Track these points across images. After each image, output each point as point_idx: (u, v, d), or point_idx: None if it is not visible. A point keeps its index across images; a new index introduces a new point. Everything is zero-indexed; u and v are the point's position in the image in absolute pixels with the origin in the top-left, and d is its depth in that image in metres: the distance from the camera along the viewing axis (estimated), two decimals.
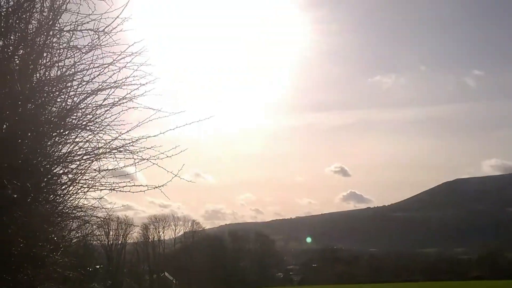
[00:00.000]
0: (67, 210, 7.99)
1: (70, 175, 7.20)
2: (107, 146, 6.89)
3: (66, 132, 6.78)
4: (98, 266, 79.08)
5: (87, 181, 7.26)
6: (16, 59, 5.81)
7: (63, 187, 7.37)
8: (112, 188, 7.06)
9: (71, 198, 7.70)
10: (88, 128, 6.73)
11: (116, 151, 6.82)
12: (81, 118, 6.64)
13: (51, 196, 7.32)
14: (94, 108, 6.60)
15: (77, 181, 7.19)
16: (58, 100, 6.39)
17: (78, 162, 7.00)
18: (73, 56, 6.11)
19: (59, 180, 7.28)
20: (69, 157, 6.95)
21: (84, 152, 6.96)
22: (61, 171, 7.11)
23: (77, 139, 6.94)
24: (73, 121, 6.64)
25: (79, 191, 7.49)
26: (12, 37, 5.71)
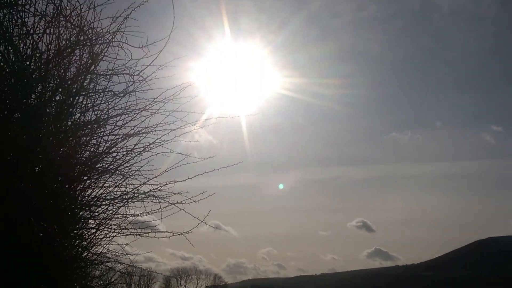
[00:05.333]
0: (91, 257, 7.86)
1: (97, 220, 7.15)
2: (135, 191, 6.86)
3: (96, 177, 6.80)
4: None
5: (114, 226, 7.17)
6: (53, 103, 5.94)
7: (90, 232, 7.30)
8: (138, 234, 6.97)
9: (96, 244, 7.59)
10: (118, 172, 6.74)
11: (144, 196, 6.78)
12: (112, 163, 6.67)
13: (77, 241, 7.23)
14: (125, 152, 6.64)
15: (103, 226, 7.11)
16: (91, 144, 6.45)
17: (105, 207, 6.96)
18: (108, 101, 6.23)
19: (85, 225, 7.22)
20: (98, 202, 6.93)
21: (112, 196, 6.94)
22: (89, 216, 7.06)
23: (106, 184, 6.95)
24: (104, 165, 6.66)
25: (105, 236, 7.39)
26: (50, 82, 5.87)
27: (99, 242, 7.66)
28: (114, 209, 7.01)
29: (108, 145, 6.52)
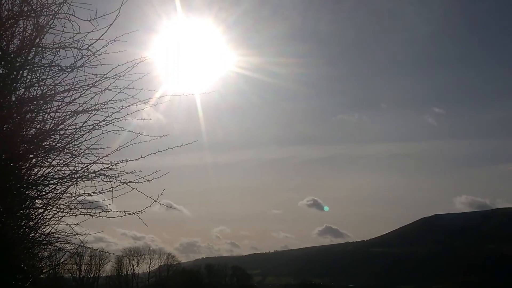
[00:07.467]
0: (39, 237, 7.62)
1: (44, 200, 6.92)
2: (85, 170, 6.69)
3: (43, 155, 6.56)
4: None
5: (62, 206, 6.98)
6: None
7: (37, 211, 7.06)
8: (88, 213, 6.81)
9: (44, 224, 7.36)
10: (66, 151, 6.53)
11: (94, 175, 6.62)
12: (59, 141, 6.44)
13: (24, 221, 6.99)
14: (73, 130, 6.43)
15: (51, 206, 6.90)
16: (37, 120, 6.20)
17: (53, 186, 6.75)
18: (54, 76, 5.97)
19: (32, 205, 6.98)
20: (45, 181, 6.70)
21: (60, 175, 6.73)
22: (36, 195, 6.83)
23: (54, 162, 6.72)
24: (51, 143, 6.43)
25: (54, 216, 7.18)
26: None
27: (47, 222, 7.42)
28: (62, 189, 6.80)
29: (55, 122, 6.28)
